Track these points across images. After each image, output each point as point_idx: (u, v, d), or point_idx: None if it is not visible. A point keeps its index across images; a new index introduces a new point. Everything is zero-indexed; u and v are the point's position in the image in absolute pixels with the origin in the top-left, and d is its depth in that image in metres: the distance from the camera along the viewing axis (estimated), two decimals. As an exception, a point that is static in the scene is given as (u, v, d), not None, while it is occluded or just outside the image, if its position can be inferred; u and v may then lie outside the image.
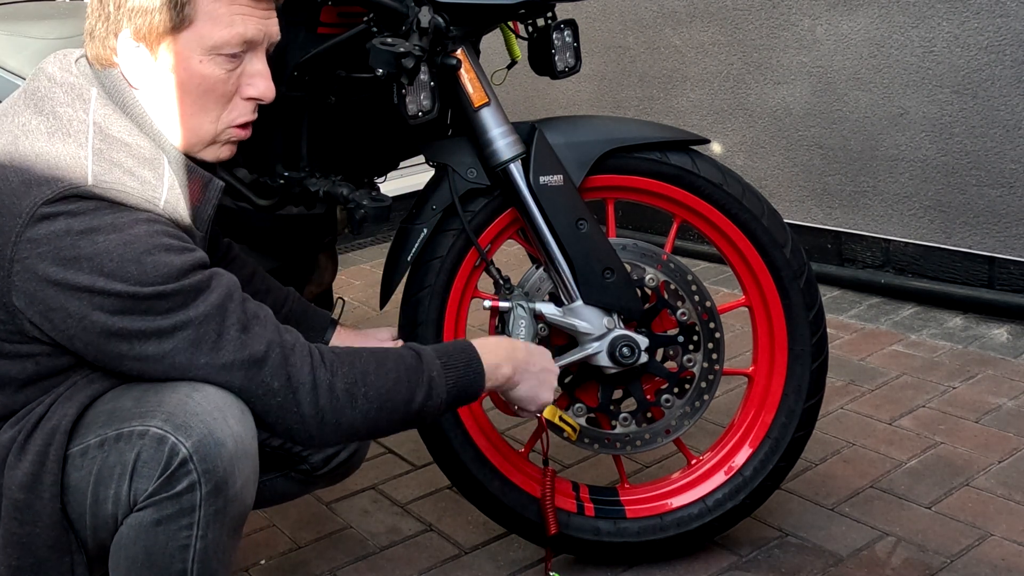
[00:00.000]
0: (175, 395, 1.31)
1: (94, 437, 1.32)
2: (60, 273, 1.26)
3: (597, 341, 1.78)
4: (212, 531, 1.31)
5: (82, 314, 1.28)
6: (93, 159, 1.32)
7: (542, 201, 1.75)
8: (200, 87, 1.40)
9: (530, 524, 1.89)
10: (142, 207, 1.32)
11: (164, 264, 1.29)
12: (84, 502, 1.32)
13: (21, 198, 1.28)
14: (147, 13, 1.36)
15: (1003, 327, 2.86)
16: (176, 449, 1.27)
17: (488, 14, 1.73)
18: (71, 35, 2.41)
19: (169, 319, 1.30)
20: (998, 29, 2.77)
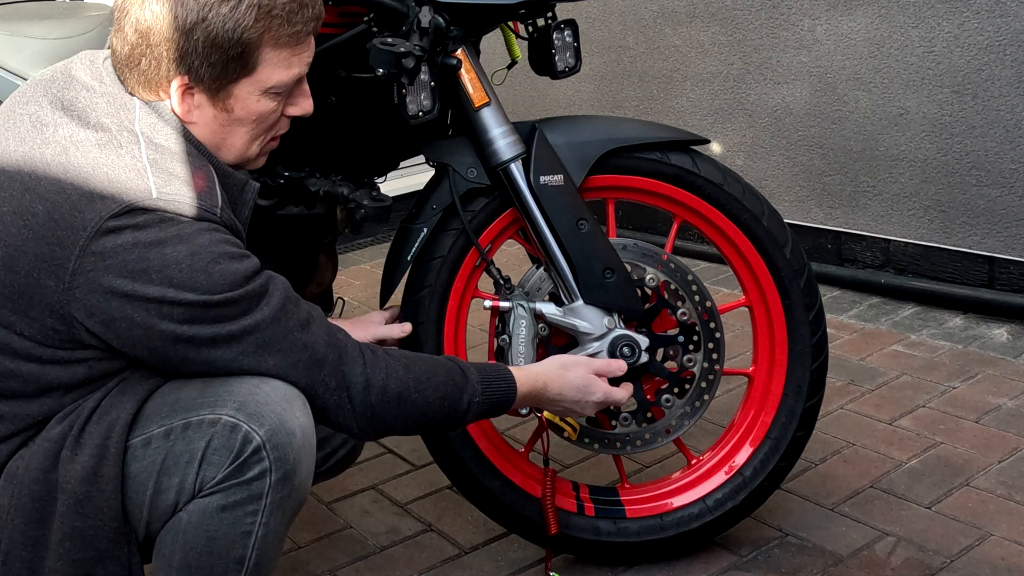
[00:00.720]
0: (244, 385, 1.34)
1: (157, 427, 1.33)
2: (128, 285, 1.27)
3: (597, 341, 1.78)
4: (274, 518, 1.34)
5: (149, 324, 1.29)
6: (152, 171, 1.32)
7: (542, 201, 1.76)
8: (254, 121, 1.44)
9: (530, 524, 1.89)
10: (203, 217, 1.33)
11: (230, 272, 1.31)
12: (144, 492, 1.32)
13: (84, 211, 1.28)
14: (210, 65, 1.36)
15: (1003, 327, 2.86)
16: (249, 437, 1.30)
17: (488, 14, 1.73)
18: (71, 35, 2.41)
19: (237, 324, 1.32)
20: (998, 29, 2.77)
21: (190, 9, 1.34)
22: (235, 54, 1.36)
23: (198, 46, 1.35)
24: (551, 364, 1.66)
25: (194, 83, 1.38)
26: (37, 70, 2.35)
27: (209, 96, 1.40)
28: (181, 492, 1.32)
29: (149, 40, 1.36)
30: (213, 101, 1.40)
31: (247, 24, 1.35)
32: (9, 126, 1.39)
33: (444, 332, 1.84)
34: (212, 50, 1.36)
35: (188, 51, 1.35)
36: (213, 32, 1.35)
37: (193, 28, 1.34)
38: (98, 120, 1.35)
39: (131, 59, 1.38)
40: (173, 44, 1.35)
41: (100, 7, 2.71)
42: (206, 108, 1.41)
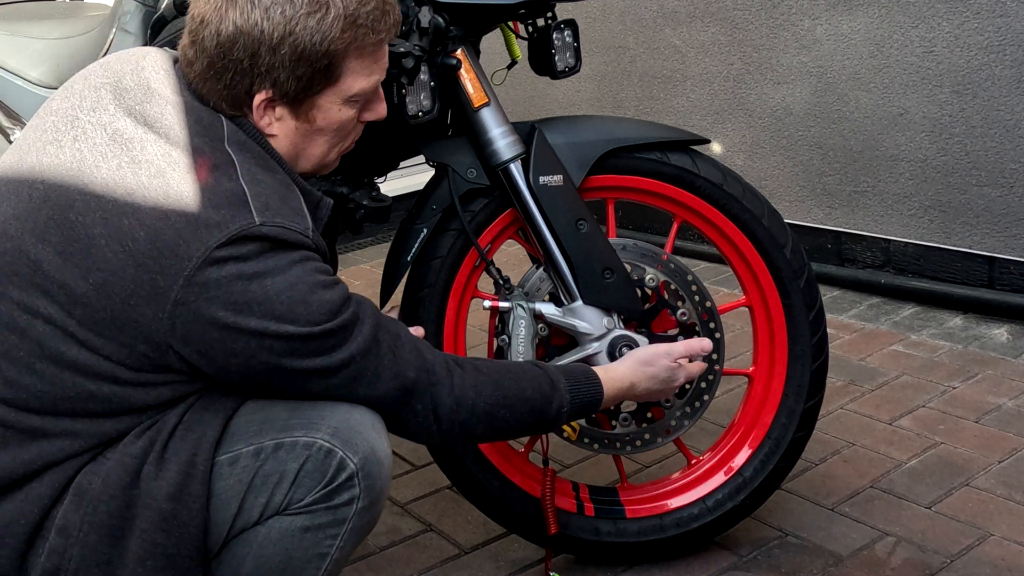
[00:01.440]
0: (335, 411, 1.34)
1: (245, 446, 1.32)
2: (231, 317, 1.25)
3: (597, 341, 1.78)
4: (350, 543, 1.36)
5: (248, 355, 1.28)
6: (251, 195, 1.28)
7: (542, 201, 1.76)
8: (336, 130, 1.42)
9: (530, 524, 1.89)
10: (300, 242, 1.30)
11: (327, 301, 1.30)
12: (228, 510, 1.31)
13: (189, 240, 1.24)
14: (297, 78, 1.34)
15: (1003, 327, 2.86)
16: (344, 464, 1.31)
17: (488, 14, 1.73)
18: (71, 35, 2.42)
19: (333, 358, 1.31)
20: (998, 29, 2.77)
21: (276, 23, 1.31)
22: (322, 66, 1.34)
23: (285, 60, 1.32)
24: (632, 362, 1.66)
25: (278, 97, 1.35)
26: (37, 70, 2.36)
27: (291, 108, 1.37)
28: (265, 511, 1.32)
29: (232, 54, 1.32)
30: (295, 113, 1.38)
31: (334, 36, 1.33)
32: (79, 136, 1.33)
33: (444, 332, 1.84)
34: (299, 63, 1.33)
35: (274, 65, 1.32)
36: (301, 45, 1.32)
37: (281, 42, 1.31)
38: (188, 139, 1.31)
39: (211, 73, 1.33)
40: (259, 59, 1.32)
41: (100, 7, 2.71)
42: (287, 120, 1.38)
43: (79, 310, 1.26)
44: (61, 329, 1.27)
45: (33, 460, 1.28)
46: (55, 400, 1.28)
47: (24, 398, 1.28)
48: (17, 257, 1.28)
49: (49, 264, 1.27)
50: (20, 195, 1.32)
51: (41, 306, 1.27)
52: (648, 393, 1.66)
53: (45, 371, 1.27)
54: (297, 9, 1.31)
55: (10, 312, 1.28)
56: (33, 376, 1.27)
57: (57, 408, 1.28)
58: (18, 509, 1.27)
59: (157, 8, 2.07)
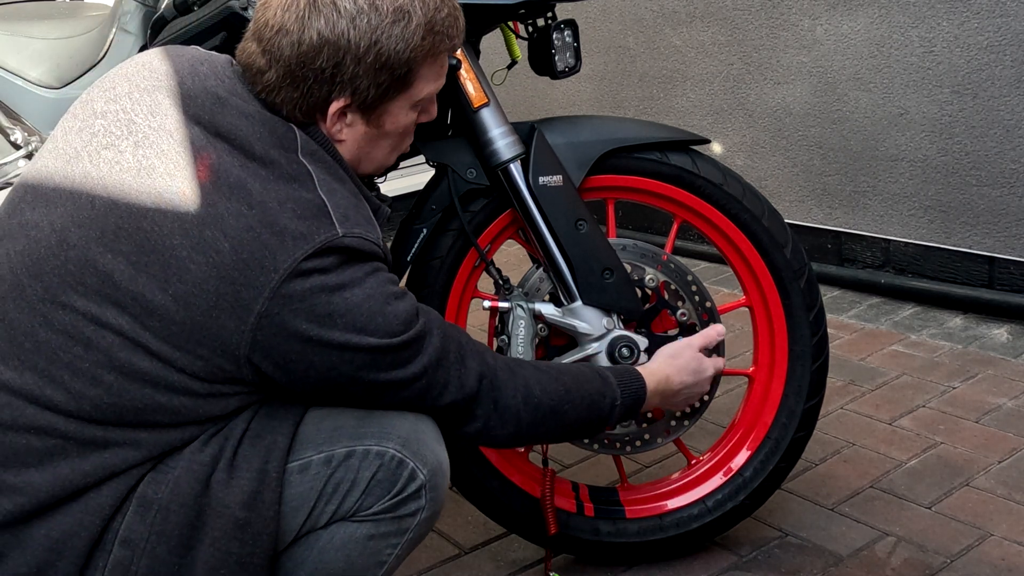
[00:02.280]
0: (403, 421, 1.35)
1: (316, 453, 1.32)
2: (315, 330, 1.25)
3: (596, 342, 1.77)
4: (406, 551, 1.37)
5: (328, 366, 1.28)
6: (331, 206, 1.28)
7: (541, 201, 1.75)
8: (400, 134, 1.44)
9: (530, 524, 1.89)
10: (374, 253, 1.31)
11: (402, 312, 1.31)
12: (298, 518, 1.31)
13: (275, 252, 1.23)
14: (377, 86, 1.34)
15: (1003, 327, 2.86)
16: (415, 475, 1.32)
17: (488, 14, 1.73)
18: (71, 35, 2.41)
19: (409, 369, 1.32)
20: (998, 29, 2.77)
21: (363, 32, 1.30)
22: (401, 74, 1.35)
23: (369, 69, 1.32)
24: (662, 357, 1.69)
25: (355, 104, 1.35)
26: (37, 70, 2.35)
27: (364, 115, 1.37)
28: (335, 515, 1.32)
29: (314, 63, 1.31)
30: (367, 120, 1.38)
31: (416, 43, 1.33)
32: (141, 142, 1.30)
33: (444, 332, 1.84)
34: (381, 71, 1.33)
35: (358, 74, 1.32)
36: (386, 54, 1.32)
37: (367, 51, 1.31)
38: (264, 151, 1.29)
39: (288, 82, 1.32)
40: (342, 68, 1.31)
41: (100, 7, 2.71)
42: (358, 126, 1.38)
43: (155, 322, 1.24)
44: (132, 340, 1.24)
45: (94, 471, 1.25)
46: (120, 411, 1.25)
47: (87, 409, 1.25)
48: (83, 266, 1.25)
49: (121, 275, 1.24)
50: (79, 202, 1.28)
51: (111, 316, 1.24)
52: (684, 387, 1.67)
53: (112, 383, 1.25)
54: (383, 18, 1.31)
55: (75, 323, 1.25)
56: (99, 388, 1.25)
57: (122, 419, 1.26)
58: (77, 521, 1.24)
59: (157, 8, 2.07)
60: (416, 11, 1.33)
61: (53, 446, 1.24)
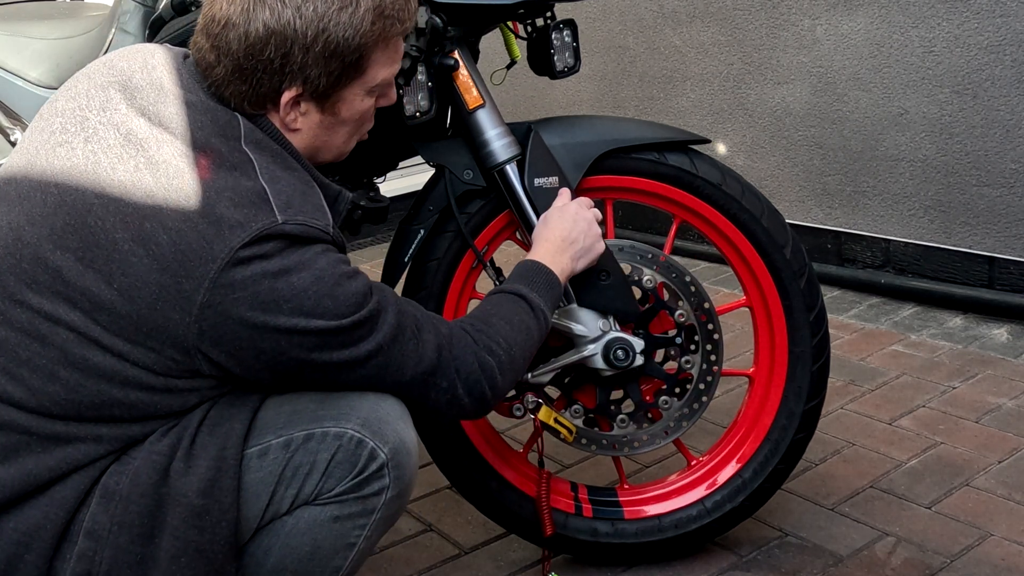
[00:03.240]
0: (364, 402, 1.34)
1: (275, 438, 1.32)
2: (260, 316, 1.24)
3: (592, 343, 1.77)
4: (376, 532, 1.36)
5: (279, 352, 1.27)
6: (271, 193, 1.28)
7: (537, 203, 1.75)
8: (356, 120, 1.43)
9: (529, 524, 1.89)
10: (321, 239, 1.30)
11: (352, 292, 1.30)
12: (259, 503, 1.31)
13: (213, 241, 1.23)
14: (328, 74, 1.34)
15: (1003, 327, 2.86)
16: (375, 454, 1.31)
17: (487, 14, 1.73)
18: (71, 35, 2.42)
19: (363, 348, 1.31)
20: (998, 29, 2.77)
21: (309, 20, 1.30)
22: (352, 60, 1.34)
23: (318, 57, 1.32)
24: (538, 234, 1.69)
25: (307, 93, 1.35)
26: (37, 70, 2.36)
27: (317, 103, 1.37)
28: (296, 501, 1.32)
29: (262, 55, 1.31)
30: (321, 108, 1.38)
31: (365, 29, 1.33)
32: (90, 137, 1.31)
33: (443, 333, 1.84)
34: (332, 59, 1.33)
35: (307, 63, 1.32)
36: (334, 41, 1.32)
37: (314, 40, 1.31)
38: (206, 139, 1.30)
39: (236, 75, 1.33)
40: (291, 58, 1.31)
41: (100, 7, 2.71)
42: (313, 115, 1.38)
43: (104, 316, 1.25)
44: (85, 336, 1.25)
45: (58, 465, 1.27)
46: (80, 407, 1.27)
47: (47, 405, 1.26)
48: (35, 264, 1.27)
49: (70, 271, 1.25)
50: (33, 199, 1.30)
51: (63, 313, 1.25)
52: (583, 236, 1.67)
53: (69, 378, 1.26)
54: (329, 5, 1.31)
55: (31, 320, 1.26)
56: (57, 384, 1.26)
57: (82, 415, 1.27)
58: (43, 514, 1.25)
59: (156, 8, 2.07)
60: None
61: (17, 442, 1.26)
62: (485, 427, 1.91)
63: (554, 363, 1.78)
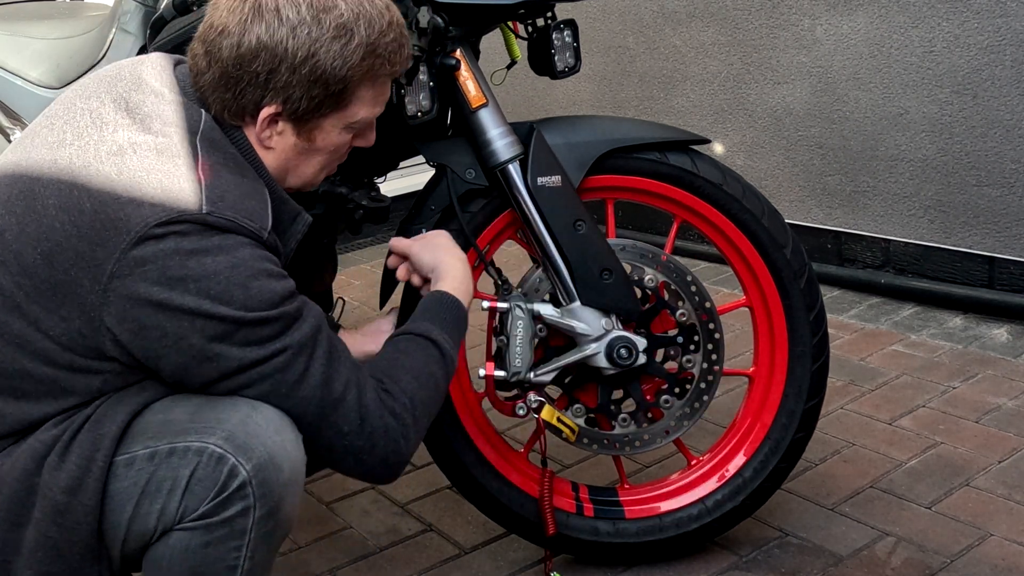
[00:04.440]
0: (235, 413, 1.29)
1: (142, 448, 1.29)
2: (164, 293, 1.24)
3: (595, 342, 1.77)
4: (260, 553, 1.31)
5: (180, 335, 1.26)
6: (206, 185, 1.29)
7: (540, 202, 1.75)
8: (331, 152, 1.45)
9: (529, 524, 1.89)
10: (248, 235, 1.30)
11: (267, 290, 1.28)
12: (123, 514, 1.29)
13: (130, 215, 1.25)
14: (310, 99, 1.36)
15: (1003, 327, 2.86)
16: (236, 471, 1.26)
17: (488, 14, 1.73)
18: (71, 35, 2.42)
19: (265, 349, 1.29)
20: (998, 29, 2.77)
21: (301, 43, 1.32)
22: (335, 91, 1.36)
23: (303, 80, 1.34)
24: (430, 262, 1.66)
25: (286, 112, 1.37)
26: (37, 70, 2.36)
27: (295, 126, 1.39)
28: (161, 519, 1.28)
29: (250, 67, 1.33)
30: (298, 131, 1.40)
31: (354, 63, 1.35)
32: (68, 119, 1.37)
33: (443, 332, 1.84)
34: (315, 85, 1.35)
35: (291, 83, 1.34)
36: (321, 68, 1.34)
37: (303, 62, 1.33)
38: (161, 127, 1.33)
39: (222, 83, 1.35)
40: (276, 75, 1.33)
41: (100, 7, 2.71)
42: (288, 136, 1.40)
43: (27, 281, 1.28)
44: (10, 299, 1.29)
45: None
46: None
47: None
48: None
49: (10, 232, 1.30)
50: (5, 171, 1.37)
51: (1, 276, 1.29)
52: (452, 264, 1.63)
53: None
54: (324, 32, 1.33)
55: None
56: None
57: None
58: None
59: (157, 8, 2.07)
60: (360, 31, 1.35)
61: None
62: (486, 427, 1.91)
63: (557, 362, 1.78)
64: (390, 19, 1.39)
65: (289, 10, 1.32)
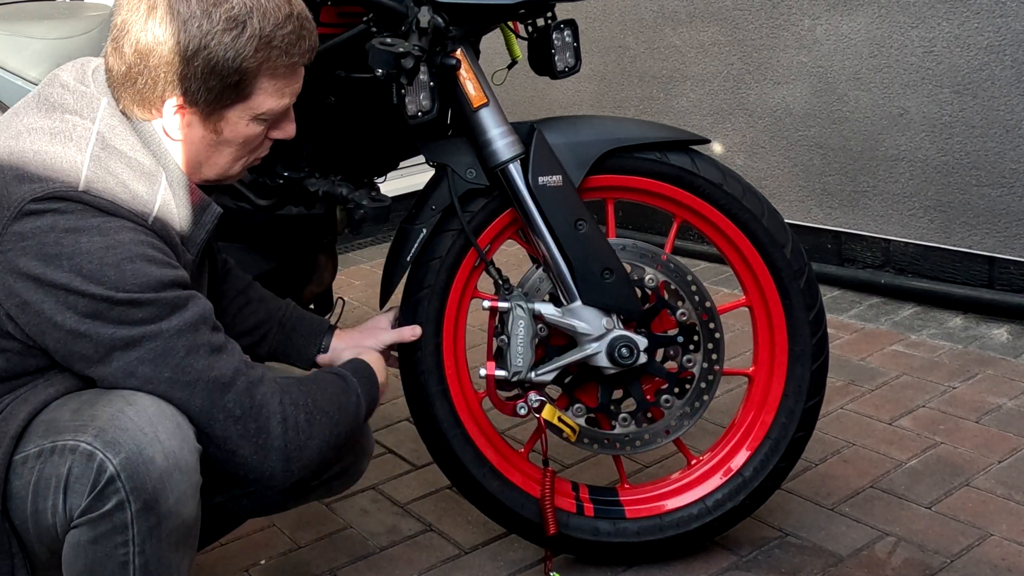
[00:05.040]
0: (108, 409, 1.31)
1: (34, 447, 1.32)
2: (39, 268, 1.28)
3: (596, 342, 1.77)
4: (150, 547, 1.31)
5: (54, 311, 1.29)
6: (89, 165, 1.34)
7: (541, 202, 1.75)
8: (241, 143, 1.47)
9: (530, 524, 1.89)
10: (128, 218, 1.34)
11: (143, 273, 1.30)
12: (25, 510, 1.31)
13: (12, 192, 1.30)
14: (208, 90, 1.39)
15: (1003, 327, 2.86)
16: (104, 467, 1.27)
17: (488, 14, 1.73)
18: (71, 35, 2.41)
19: (139, 329, 1.31)
20: (998, 29, 2.77)
21: (192, 35, 1.36)
22: (232, 82, 1.39)
23: (197, 71, 1.37)
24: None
25: (188, 104, 1.40)
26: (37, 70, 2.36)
27: (201, 117, 1.42)
28: (56, 516, 1.30)
29: (148, 61, 1.38)
30: (204, 122, 1.43)
31: (247, 54, 1.38)
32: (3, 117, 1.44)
33: (443, 332, 1.84)
34: (210, 76, 1.38)
35: (187, 75, 1.38)
36: (214, 59, 1.37)
37: (195, 54, 1.36)
38: (60, 115, 1.39)
39: (128, 78, 1.40)
40: (172, 67, 1.37)
41: (100, 7, 2.71)
42: (196, 128, 1.43)
43: None
44: None
45: None
46: None
47: None
48: None
49: None
50: None
51: None
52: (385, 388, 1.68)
53: None
54: (214, 25, 1.36)
55: None
56: None
57: None
58: None
59: (157, 8, 2.07)
60: (253, 23, 1.38)
61: None
62: (486, 427, 1.91)
63: (558, 361, 1.79)
64: (289, 11, 1.41)
65: (181, 5, 1.37)
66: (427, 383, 1.83)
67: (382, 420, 2.57)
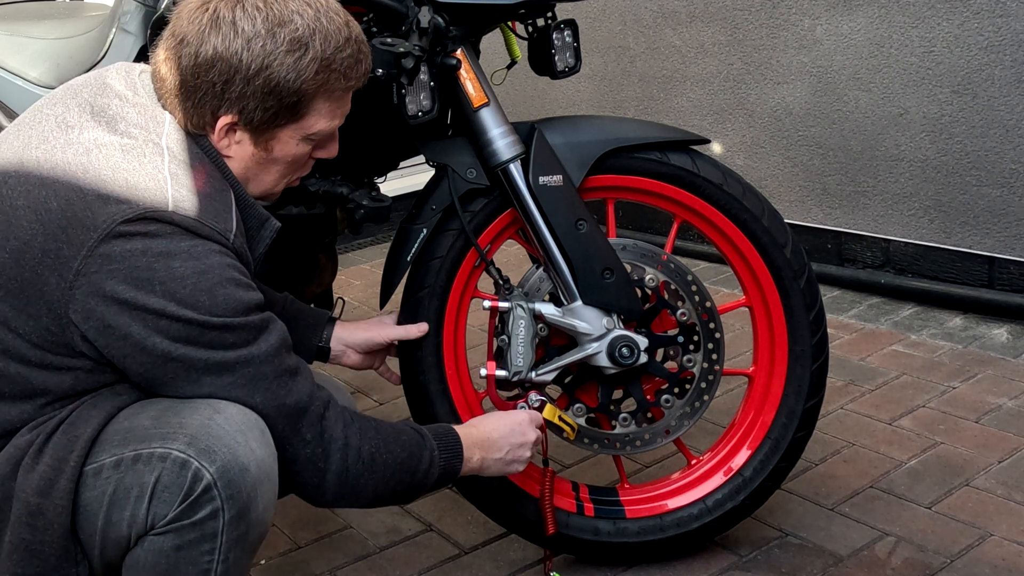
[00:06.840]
0: (197, 416, 1.30)
1: (109, 457, 1.30)
2: (130, 292, 1.26)
3: (596, 341, 1.78)
4: (233, 554, 1.32)
5: (143, 336, 1.27)
6: (172, 183, 1.32)
7: (541, 201, 1.75)
8: (289, 162, 1.46)
9: (529, 524, 1.89)
10: (214, 239, 1.32)
11: (234, 298, 1.30)
12: (95, 522, 1.30)
13: (97, 213, 1.27)
14: (264, 110, 1.38)
15: (1003, 327, 2.86)
16: (200, 475, 1.27)
17: (488, 14, 1.73)
18: (71, 35, 2.41)
19: (232, 354, 1.31)
20: (998, 29, 2.77)
21: (255, 55, 1.35)
22: (290, 103, 1.38)
23: (257, 91, 1.36)
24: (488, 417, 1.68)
25: (243, 122, 1.39)
26: (37, 70, 2.36)
27: (252, 136, 1.41)
28: (132, 526, 1.29)
29: (207, 76, 1.36)
30: (255, 141, 1.42)
31: (308, 76, 1.37)
32: (34, 124, 1.39)
33: (444, 332, 1.84)
34: (269, 96, 1.37)
35: (245, 94, 1.36)
36: (274, 80, 1.36)
37: (256, 74, 1.35)
38: (126, 128, 1.35)
39: (181, 90, 1.38)
40: (231, 85, 1.36)
41: (100, 7, 2.71)
42: (246, 146, 1.42)
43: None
44: None
45: None
46: None
47: None
48: None
49: None
50: None
51: None
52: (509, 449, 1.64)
53: None
54: (278, 45, 1.35)
55: None
56: None
57: None
58: None
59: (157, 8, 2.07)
60: (315, 46, 1.37)
61: None
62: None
63: (558, 361, 1.79)
64: (348, 35, 1.41)
65: (245, 23, 1.35)
66: (427, 382, 1.83)
67: (382, 420, 2.57)
